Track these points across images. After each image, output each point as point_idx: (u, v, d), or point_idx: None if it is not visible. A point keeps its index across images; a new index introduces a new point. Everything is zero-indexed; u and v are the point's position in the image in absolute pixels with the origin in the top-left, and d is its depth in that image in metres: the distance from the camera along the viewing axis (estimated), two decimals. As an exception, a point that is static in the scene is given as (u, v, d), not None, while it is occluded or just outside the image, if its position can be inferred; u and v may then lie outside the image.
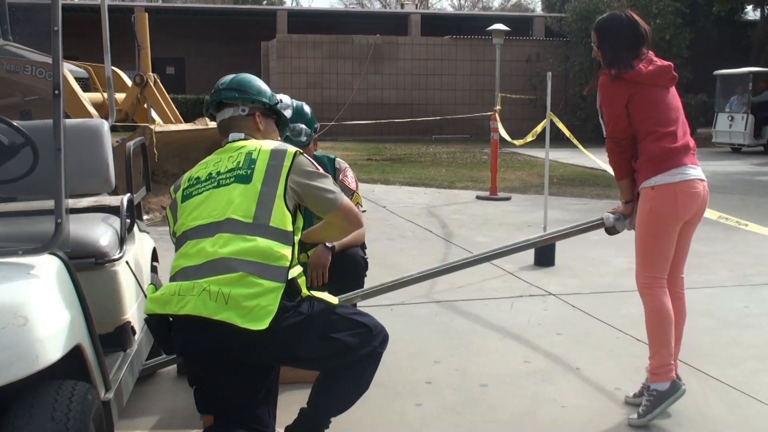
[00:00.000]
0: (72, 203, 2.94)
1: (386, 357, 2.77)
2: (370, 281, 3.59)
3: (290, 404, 2.94)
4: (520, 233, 7.44)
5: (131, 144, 3.77)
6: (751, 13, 26.31)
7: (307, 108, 3.80)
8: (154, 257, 3.79)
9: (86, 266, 2.66)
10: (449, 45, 23.07)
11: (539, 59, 22.25)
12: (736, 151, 17.91)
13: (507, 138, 10.25)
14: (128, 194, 3.29)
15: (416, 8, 31.74)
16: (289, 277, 2.39)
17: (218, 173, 2.58)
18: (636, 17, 3.31)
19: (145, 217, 6.95)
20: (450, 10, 44.99)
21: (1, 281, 2.02)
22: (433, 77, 22.94)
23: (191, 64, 27.62)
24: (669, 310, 3.24)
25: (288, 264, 2.40)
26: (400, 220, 8.46)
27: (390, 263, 6.07)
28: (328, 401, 2.64)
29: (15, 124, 2.42)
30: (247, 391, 2.44)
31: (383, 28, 24.13)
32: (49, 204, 2.21)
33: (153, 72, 8.78)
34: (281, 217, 2.47)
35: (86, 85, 8.76)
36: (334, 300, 2.60)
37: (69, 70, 8.21)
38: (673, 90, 3.33)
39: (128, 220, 3.15)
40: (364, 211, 3.80)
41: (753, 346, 4.27)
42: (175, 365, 3.61)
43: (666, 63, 3.29)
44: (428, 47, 22.98)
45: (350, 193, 3.66)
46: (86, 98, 7.86)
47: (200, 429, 2.89)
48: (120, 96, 8.65)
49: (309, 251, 3.54)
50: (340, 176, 3.76)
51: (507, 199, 10.08)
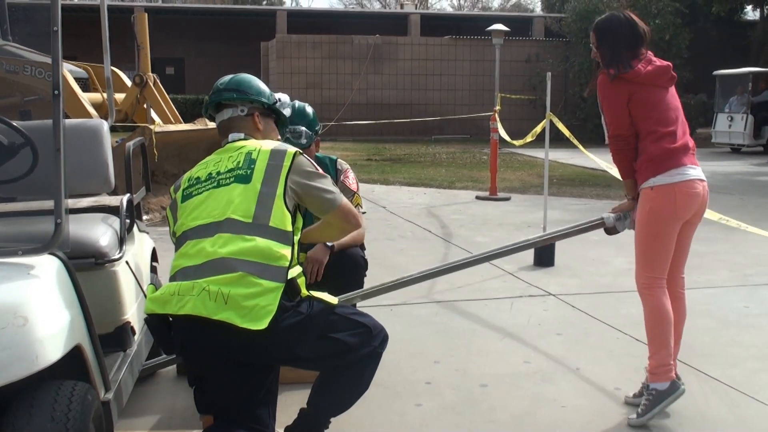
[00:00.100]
0: (72, 203, 2.94)
1: (386, 357, 2.77)
2: (370, 281, 3.59)
3: (290, 404, 2.94)
4: (520, 233, 7.44)
5: (131, 144, 3.77)
6: (751, 13, 26.34)
7: (310, 109, 3.79)
8: (154, 257, 3.79)
9: (86, 266, 2.66)
10: (449, 45, 23.08)
11: (539, 59, 22.25)
12: (736, 152, 17.91)
13: (507, 138, 10.25)
14: (128, 194, 3.29)
15: (416, 8, 31.76)
16: (289, 277, 2.39)
17: (218, 173, 2.58)
18: (635, 18, 3.32)
19: (145, 218, 6.95)
20: (450, 11, 44.98)
21: (1, 281, 2.02)
22: (433, 77, 22.94)
23: (191, 65, 27.62)
24: (668, 311, 3.25)
25: (287, 264, 2.40)
26: (400, 221, 8.46)
27: (390, 263, 6.07)
28: (328, 401, 2.64)
29: (15, 125, 2.41)
30: (247, 391, 2.44)
31: (383, 29, 24.12)
32: (49, 204, 2.21)
33: (152, 72, 8.78)
34: (281, 217, 2.47)
35: (86, 86, 8.75)
36: (334, 300, 2.60)
37: (68, 71, 8.20)
38: (673, 90, 3.34)
39: (128, 221, 3.15)
40: (365, 213, 3.81)
41: (753, 346, 4.27)
42: (175, 365, 3.61)
43: (665, 63, 3.30)
44: (428, 47, 22.99)
45: (351, 194, 3.66)
46: (86, 98, 7.86)
47: (200, 429, 2.89)
48: (119, 96, 8.65)
49: (309, 251, 3.54)
50: (342, 177, 3.76)
51: (507, 200, 10.08)
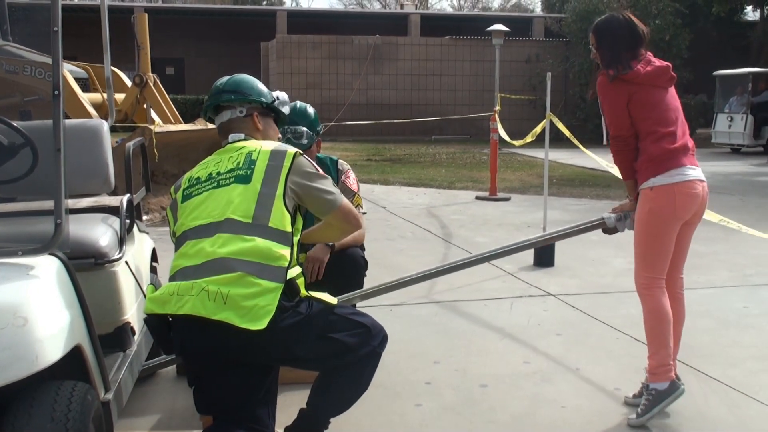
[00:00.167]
0: (71, 204, 2.94)
1: (386, 357, 2.77)
2: (370, 281, 3.59)
3: (289, 405, 2.94)
4: (520, 233, 7.44)
5: (131, 144, 3.77)
6: (751, 14, 26.35)
7: (311, 110, 3.80)
8: (154, 258, 3.79)
9: (86, 267, 2.66)
10: (449, 45, 23.08)
11: (539, 60, 22.26)
12: (736, 152, 17.92)
13: (506, 138, 10.25)
14: (128, 195, 3.29)
15: (416, 9, 31.76)
16: (288, 278, 2.39)
17: (218, 173, 2.59)
18: (633, 19, 3.32)
19: (145, 218, 6.95)
20: (449, 11, 44.99)
21: (1, 282, 2.01)
22: (433, 78, 22.95)
23: (191, 65, 27.62)
24: (667, 311, 3.25)
25: (287, 264, 2.41)
26: (400, 221, 8.46)
27: (389, 263, 6.07)
28: (328, 402, 2.64)
29: (14, 125, 2.41)
30: (246, 391, 2.44)
31: (383, 29, 24.13)
32: (49, 204, 2.21)
33: (152, 72, 8.78)
34: (280, 218, 2.47)
35: (86, 86, 8.74)
36: (333, 300, 2.60)
37: (68, 71, 8.19)
38: (672, 90, 3.34)
39: (128, 221, 3.15)
40: (365, 213, 3.81)
41: (752, 347, 4.27)
42: (175, 366, 3.61)
43: (664, 63, 3.30)
44: (428, 48, 23.00)
45: (352, 195, 3.67)
46: (86, 99, 7.85)
47: (200, 429, 2.89)
48: (119, 96, 8.65)
49: (309, 251, 3.54)
50: (342, 178, 3.77)
51: (506, 200, 10.08)
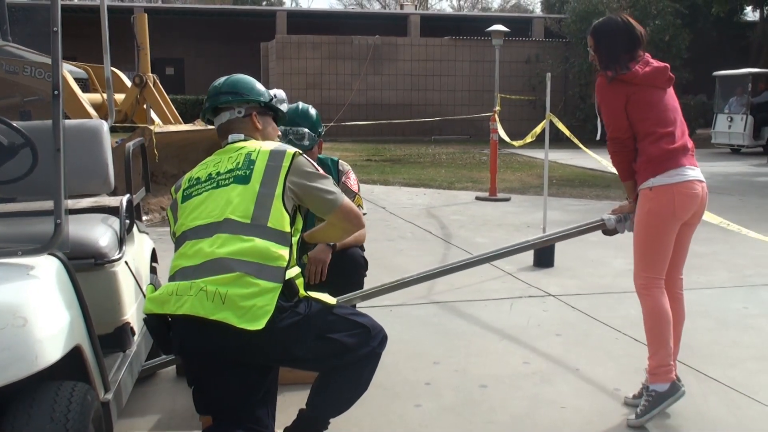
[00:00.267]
0: (71, 204, 2.94)
1: (385, 358, 2.77)
2: (370, 282, 3.59)
3: (289, 405, 2.95)
4: (520, 234, 7.45)
5: (130, 145, 3.77)
6: (751, 14, 26.37)
7: (313, 111, 3.79)
8: (154, 258, 3.79)
9: (85, 267, 2.66)
10: (448, 46, 23.09)
11: (538, 60, 22.27)
12: (735, 152, 17.92)
13: (506, 139, 10.25)
14: (127, 195, 3.29)
15: (415, 9, 31.79)
16: (287, 278, 2.39)
17: (218, 174, 2.59)
18: (631, 20, 3.34)
19: (145, 218, 6.95)
20: (449, 11, 45.00)
21: (1, 282, 2.01)
22: (433, 78, 22.95)
23: (190, 65, 27.62)
24: (667, 311, 3.25)
25: (285, 264, 2.40)
26: (400, 221, 8.46)
27: (389, 264, 6.07)
28: (327, 402, 2.64)
29: (14, 125, 2.42)
30: (245, 392, 2.44)
31: (382, 29, 24.13)
32: (49, 205, 2.21)
33: (152, 72, 8.79)
34: (279, 218, 2.47)
35: (85, 86, 8.75)
36: (332, 300, 2.60)
37: (68, 71, 8.20)
38: (671, 91, 3.34)
39: (127, 221, 3.15)
40: (365, 213, 3.81)
41: (752, 347, 4.27)
42: (175, 366, 3.61)
43: (662, 64, 3.30)
44: (427, 48, 23.00)
45: (353, 196, 3.67)
46: (85, 99, 7.86)
47: (199, 429, 2.89)
48: (119, 97, 8.65)
49: (310, 252, 3.54)
50: (343, 178, 3.77)
51: (506, 200, 10.09)
